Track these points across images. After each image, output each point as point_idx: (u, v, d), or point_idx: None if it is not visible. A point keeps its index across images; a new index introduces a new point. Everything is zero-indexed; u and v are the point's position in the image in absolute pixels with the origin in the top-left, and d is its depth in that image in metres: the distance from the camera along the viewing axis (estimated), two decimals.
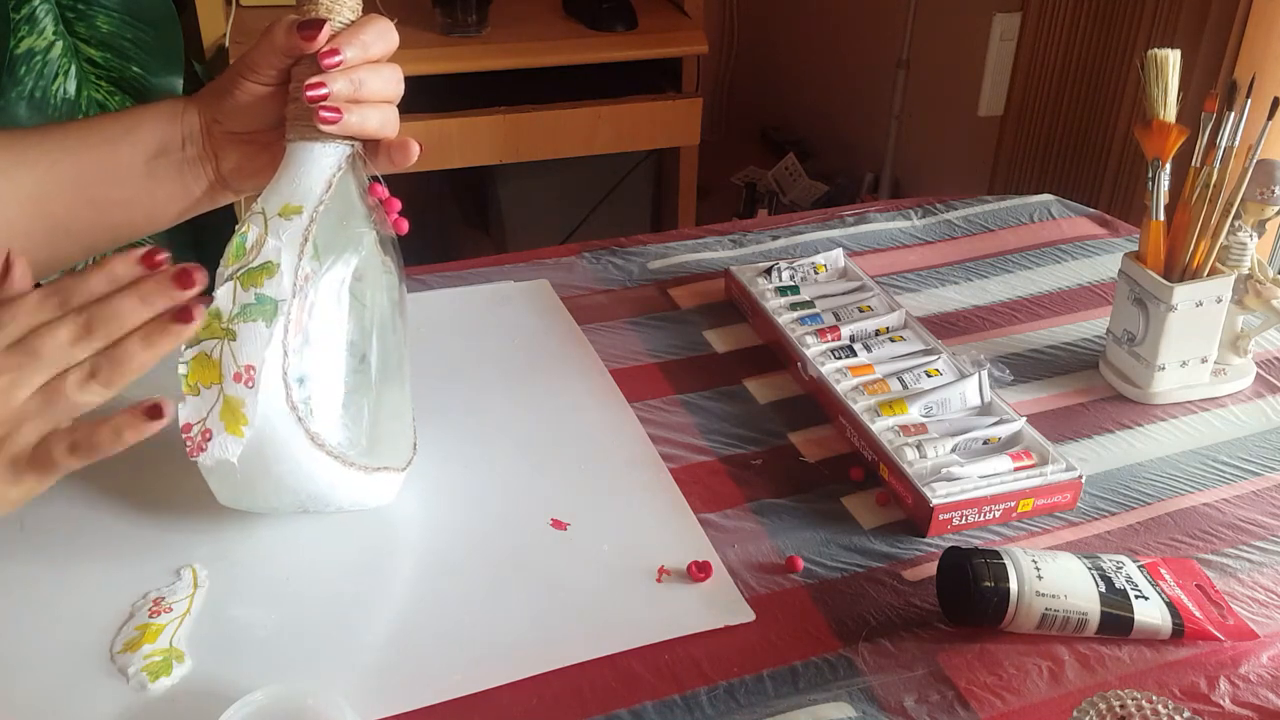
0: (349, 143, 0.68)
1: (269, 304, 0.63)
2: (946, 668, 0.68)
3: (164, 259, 0.56)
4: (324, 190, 0.67)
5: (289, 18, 0.67)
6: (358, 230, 0.69)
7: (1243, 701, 0.66)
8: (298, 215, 0.66)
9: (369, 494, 0.72)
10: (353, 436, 0.70)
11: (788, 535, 0.77)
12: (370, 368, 0.72)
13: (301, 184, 0.67)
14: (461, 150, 1.91)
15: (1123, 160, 1.71)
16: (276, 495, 0.68)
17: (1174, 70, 0.86)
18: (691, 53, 2.02)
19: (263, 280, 0.64)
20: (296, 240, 0.65)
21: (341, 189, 0.68)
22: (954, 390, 0.86)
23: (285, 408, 0.64)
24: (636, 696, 0.65)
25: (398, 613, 0.70)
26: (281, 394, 0.64)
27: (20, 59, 1.43)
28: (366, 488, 0.71)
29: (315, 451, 0.66)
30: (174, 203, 0.73)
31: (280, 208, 0.66)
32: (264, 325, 0.63)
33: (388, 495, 0.74)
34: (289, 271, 0.65)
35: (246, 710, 0.59)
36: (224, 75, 0.71)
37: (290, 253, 0.65)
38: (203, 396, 0.62)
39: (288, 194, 0.67)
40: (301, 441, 0.65)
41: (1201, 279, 0.89)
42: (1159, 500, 0.82)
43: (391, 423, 0.75)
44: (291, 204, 0.66)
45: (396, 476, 0.74)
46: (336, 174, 0.67)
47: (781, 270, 1.02)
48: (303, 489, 0.68)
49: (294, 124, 0.68)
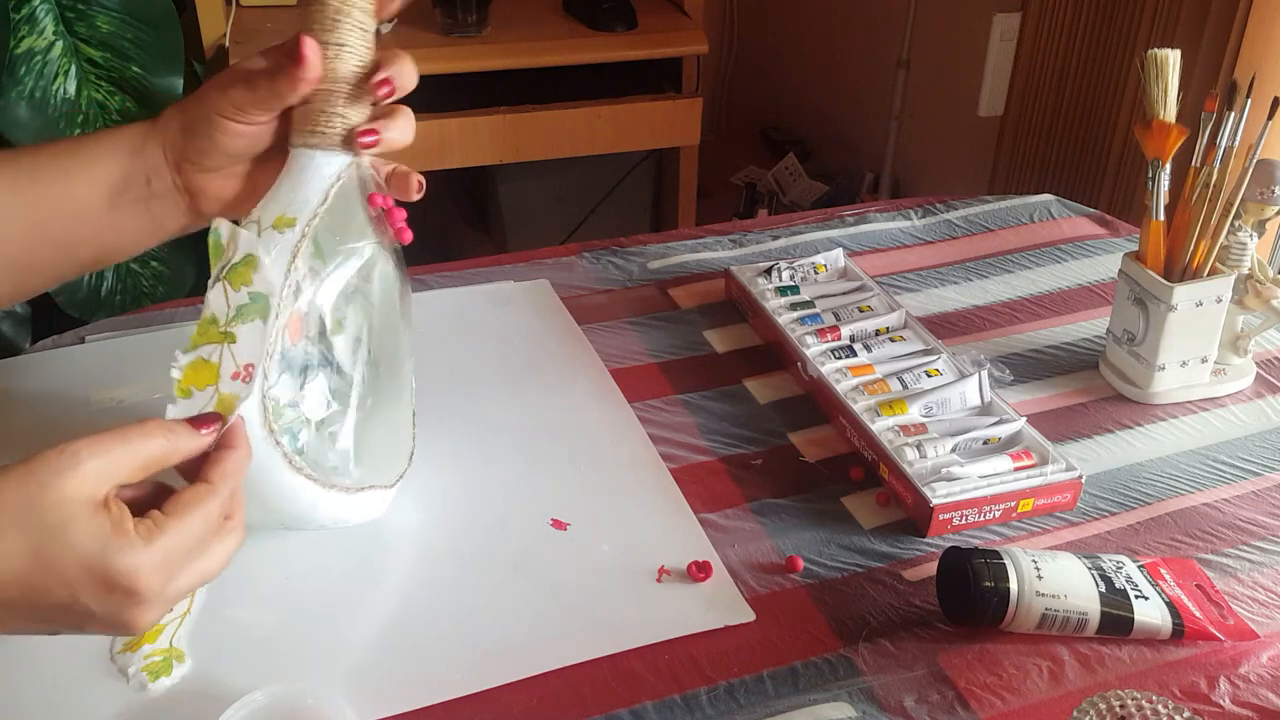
0: (350, 152, 0.67)
1: (261, 300, 0.63)
2: (946, 668, 0.68)
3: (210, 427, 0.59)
4: (319, 202, 0.65)
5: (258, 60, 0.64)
6: (356, 243, 0.68)
7: (1243, 701, 0.66)
8: (290, 229, 0.64)
9: (352, 513, 0.71)
10: (338, 455, 0.70)
11: (788, 535, 0.77)
12: (361, 384, 0.71)
13: (299, 194, 0.65)
14: (461, 150, 1.91)
15: (1123, 160, 1.71)
16: (257, 513, 0.67)
17: (1174, 70, 0.86)
18: (691, 53, 2.02)
19: (250, 276, 0.63)
20: (285, 255, 0.64)
21: (342, 198, 0.67)
22: (954, 390, 0.86)
23: (263, 432, 0.62)
24: (636, 696, 0.65)
25: (397, 613, 0.70)
26: (260, 419, 0.62)
27: (20, 59, 1.43)
28: (349, 507, 0.70)
29: (294, 475, 0.65)
30: (144, 236, 0.70)
31: (275, 219, 0.65)
32: (261, 322, 0.63)
33: (375, 512, 0.73)
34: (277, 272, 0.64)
35: (246, 710, 0.59)
36: (192, 110, 0.66)
37: (278, 267, 0.63)
38: (194, 399, 0.61)
39: (285, 203, 0.65)
40: (280, 464, 0.64)
41: (1201, 279, 0.89)
42: (1159, 500, 0.82)
43: (387, 433, 0.74)
44: (286, 215, 0.65)
45: (384, 494, 0.73)
46: (335, 184, 0.66)
47: (781, 270, 1.02)
48: (282, 509, 0.67)
49: (299, 130, 0.66)
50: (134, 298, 1.60)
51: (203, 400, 0.61)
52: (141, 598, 0.51)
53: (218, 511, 0.55)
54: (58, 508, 0.50)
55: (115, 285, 1.58)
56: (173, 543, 0.52)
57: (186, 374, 0.62)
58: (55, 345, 0.93)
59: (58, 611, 0.51)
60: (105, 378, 0.88)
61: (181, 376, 0.62)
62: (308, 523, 0.69)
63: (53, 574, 0.50)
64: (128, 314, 0.99)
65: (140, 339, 0.94)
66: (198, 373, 0.62)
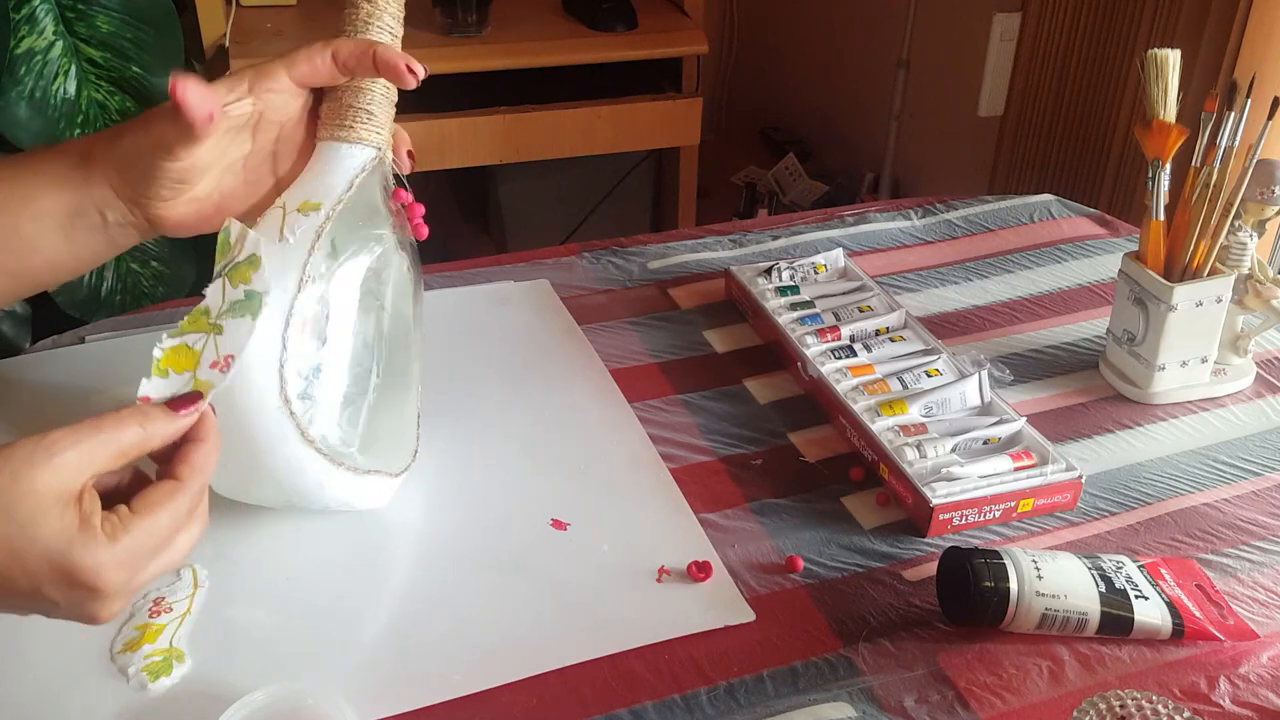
0: (376, 145, 0.69)
1: (255, 298, 0.63)
2: (946, 668, 0.68)
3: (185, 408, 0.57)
4: (345, 189, 0.67)
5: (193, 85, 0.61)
6: (376, 231, 0.70)
7: (1243, 701, 0.66)
8: (315, 212, 0.66)
9: (358, 496, 0.72)
10: (347, 436, 0.71)
11: (788, 535, 0.77)
12: (377, 370, 0.73)
13: (325, 181, 0.68)
14: (461, 150, 1.91)
15: (1123, 160, 1.71)
16: (263, 487, 0.69)
17: (1174, 70, 0.86)
18: (691, 53, 2.02)
19: (250, 275, 0.64)
20: (309, 236, 0.66)
21: (365, 190, 0.69)
22: (954, 390, 0.86)
23: (278, 400, 0.64)
24: (636, 696, 0.65)
25: (398, 613, 0.70)
26: (276, 388, 0.64)
27: (20, 59, 1.43)
28: (355, 489, 0.71)
29: (305, 448, 0.66)
30: (104, 255, 0.67)
31: (300, 203, 0.67)
32: (251, 319, 0.63)
33: (379, 499, 0.74)
34: (295, 267, 0.65)
35: (246, 710, 0.59)
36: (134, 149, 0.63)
37: (301, 248, 0.65)
38: (170, 380, 0.61)
39: (310, 190, 0.67)
40: (293, 435, 0.65)
41: (1201, 279, 0.89)
42: (1159, 500, 0.82)
43: (393, 426, 0.75)
44: (311, 200, 0.67)
45: (389, 481, 0.74)
46: (360, 175, 0.68)
47: (781, 270, 1.02)
48: (290, 483, 0.68)
49: (327, 124, 0.68)
50: (134, 298, 1.60)
51: (178, 384, 0.61)
52: (103, 593, 0.52)
53: (185, 508, 0.55)
54: (28, 499, 0.50)
55: (115, 285, 1.58)
56: (137, 541, 0.52)
57: (167, 355, 0.62)
58: (55, 345, 0.94)
59: (22, 599, 0.52)
60: (105, 378, 0.88)
61: (161, 357, 0.62)
62: (313, 500, 0.70)
63: (17, 564, 0.50)
64: (128, 314, 1.00)
65: (140, 339, 0.93)
66: (178, 357, 0.62)
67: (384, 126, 0.70)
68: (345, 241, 0.69)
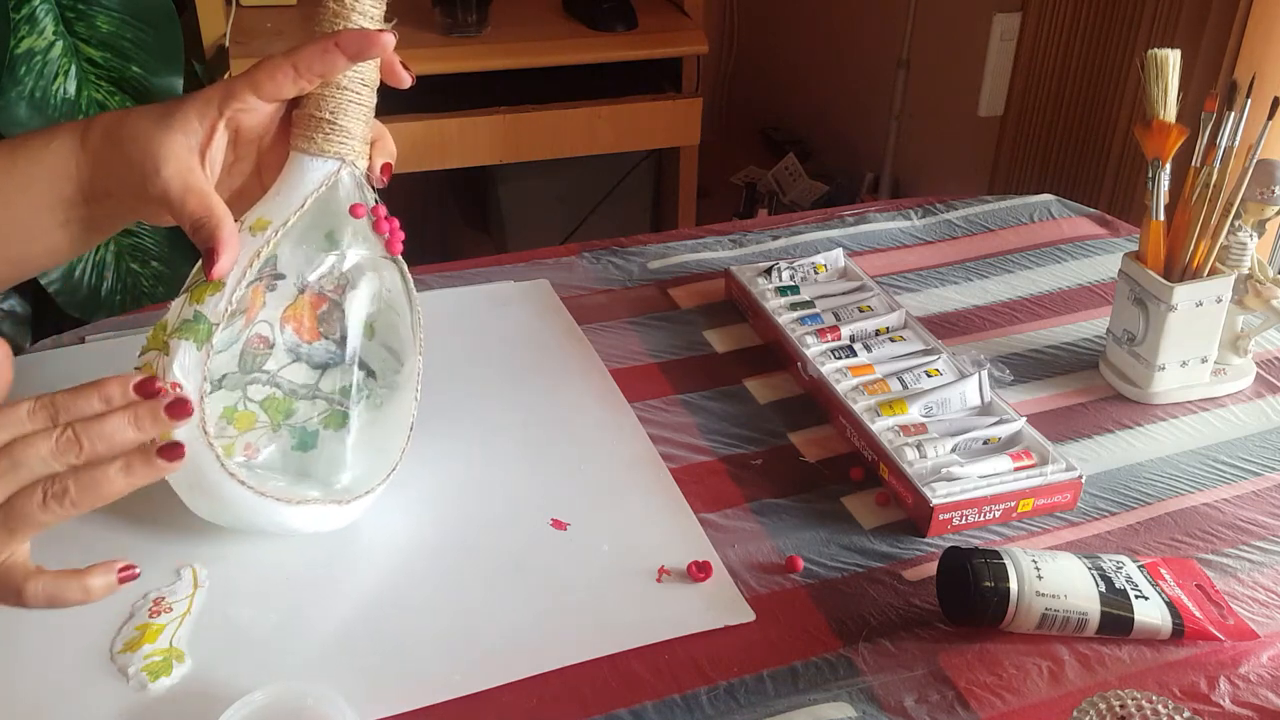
0: (340, 157, 0.67)
1: (204, 323, 0.63)
2: (946, 668, 0.68)
3: (160, 388, 0.55)
4: (297, 208, 0.65)
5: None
6: (336, 251, 0.69)
7: (1243, 701, 0.66)
8: (262, 232, 0.65)
9: (296, 522, 0.70)
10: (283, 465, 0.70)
11: (788, 535, 0.77)
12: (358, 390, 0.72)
13: (279, 197, 0.66)
14: (461, 150, 1.91)
15: (1123, 160, 1.71)
16: (214, 515, 0.69)
17: (1174, 70, 0.86)
18: (691, 53, 2.02)
19: (205, 297, 0.63)
20: (247, 255, 0.64)
21: (325, 204, 0.67)
22: (954, 390, 0.86)
23: (199, 432, 0.63)
24: (636, 696, 0.65)
25: (398, 613, 0.70)
26: (197, 417, 0.63)
27: (20, 59, 1.43)
28: (289, 516, 0.69)
29: (227, 479, 0.65)
30: (101, 238, 0.68)
31: (254, 221, 0.65)
32: (194, 346, 0.63)
33: (330, 524, 0.72)
34: (229, 289, 0.64)
35: (246, 710, 0.59)
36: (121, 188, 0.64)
37: (239, 265, 0.64)
38: None
39: (269, 206, 0.66)
40: (213, 466, 0.64)
41: (1201, 279, 0.89)
42: (1159, 500, 0.82)
43: (359, 451, 0.73)
44: (264, 218, 0.65)
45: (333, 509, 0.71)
46: (317, 190, 0.66)
47: (781, 270, 1.02)
48: (227, 512, 0.68)
49: (296, 133, 0.67)
50: (134, 298, 1.60)
51: None
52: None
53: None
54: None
55: (115, 285, 1.58)
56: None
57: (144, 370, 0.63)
58: (55, 345, 0.94)
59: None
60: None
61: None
62: (249, 526, 0.69)
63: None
64: (128, 314, 1.00)
65: (140, 339, 0.93)
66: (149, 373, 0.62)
67: (351, 135, 0.67)
68: (292, 261, 0.67)
